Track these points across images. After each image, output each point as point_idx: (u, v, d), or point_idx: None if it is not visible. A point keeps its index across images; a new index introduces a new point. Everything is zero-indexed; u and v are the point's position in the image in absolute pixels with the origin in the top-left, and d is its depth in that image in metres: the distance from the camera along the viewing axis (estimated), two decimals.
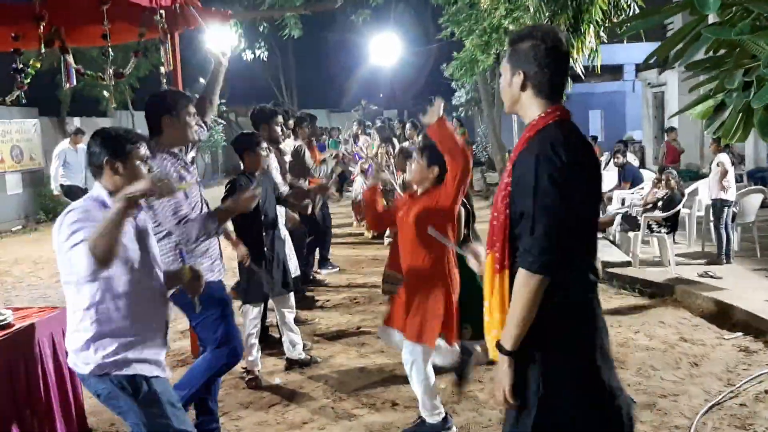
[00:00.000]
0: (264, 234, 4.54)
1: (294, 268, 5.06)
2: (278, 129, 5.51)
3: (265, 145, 4.57)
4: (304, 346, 5.05)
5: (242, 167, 4.58)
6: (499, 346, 2.06)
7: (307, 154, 6.85)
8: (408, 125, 10.34)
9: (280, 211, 4.94)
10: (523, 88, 2.11)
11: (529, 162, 1.99)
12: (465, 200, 3.95)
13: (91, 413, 4.09)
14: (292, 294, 4.87)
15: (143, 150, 2.66)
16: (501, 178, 2.18)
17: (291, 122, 7.08)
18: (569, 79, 7.59)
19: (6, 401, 3.24)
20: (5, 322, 3.44)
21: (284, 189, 4.99)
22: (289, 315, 4.85)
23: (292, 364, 4.88)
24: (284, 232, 4.99)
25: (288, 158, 6.08)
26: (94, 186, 2.64)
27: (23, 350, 3.41)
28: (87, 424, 3.96)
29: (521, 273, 1.99)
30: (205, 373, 3.55)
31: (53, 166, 9.69)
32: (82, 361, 2.53)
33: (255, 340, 4.61)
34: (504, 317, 2.07)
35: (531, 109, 2.12)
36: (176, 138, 3.39)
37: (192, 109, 3.47)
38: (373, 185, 3.96)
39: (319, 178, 6.91)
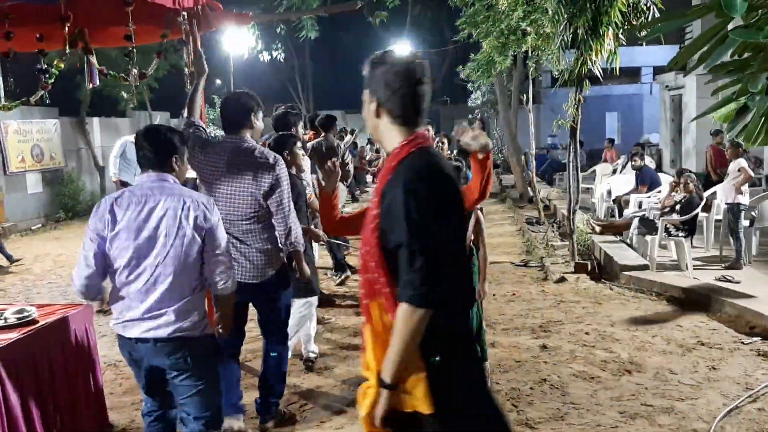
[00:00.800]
0: None
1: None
2: (302, 131, 5.67)
3: (300, 144, 4.68)
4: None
5: None
6: (379, 379, 1.95)
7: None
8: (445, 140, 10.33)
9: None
10: (377, 114, 2.05)
11: (396, 192, 1.90)
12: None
13: (113, 409, 4.15)
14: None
15: None
16: (368, 208, 2.07)
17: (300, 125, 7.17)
18: (587, 81, 7.60)
19: (30, 396, 3.29)
20: (30, 318, 3.50)
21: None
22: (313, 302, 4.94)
23: (308, 364, 4.92)
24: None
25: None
26: (161, 175, 2.90)
27: (47, 346, 3.47)
28: (108, 419, 4.01)
29: (402, 308, 1.87)
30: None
31: (112, 154, 9.93)
32: (194, 325, 2.91)
33: None
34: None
35: (390, 135, 2.05)
36: (256, 133, 3.84)
37: None
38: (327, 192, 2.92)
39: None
